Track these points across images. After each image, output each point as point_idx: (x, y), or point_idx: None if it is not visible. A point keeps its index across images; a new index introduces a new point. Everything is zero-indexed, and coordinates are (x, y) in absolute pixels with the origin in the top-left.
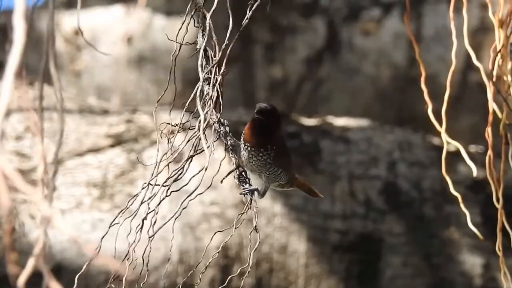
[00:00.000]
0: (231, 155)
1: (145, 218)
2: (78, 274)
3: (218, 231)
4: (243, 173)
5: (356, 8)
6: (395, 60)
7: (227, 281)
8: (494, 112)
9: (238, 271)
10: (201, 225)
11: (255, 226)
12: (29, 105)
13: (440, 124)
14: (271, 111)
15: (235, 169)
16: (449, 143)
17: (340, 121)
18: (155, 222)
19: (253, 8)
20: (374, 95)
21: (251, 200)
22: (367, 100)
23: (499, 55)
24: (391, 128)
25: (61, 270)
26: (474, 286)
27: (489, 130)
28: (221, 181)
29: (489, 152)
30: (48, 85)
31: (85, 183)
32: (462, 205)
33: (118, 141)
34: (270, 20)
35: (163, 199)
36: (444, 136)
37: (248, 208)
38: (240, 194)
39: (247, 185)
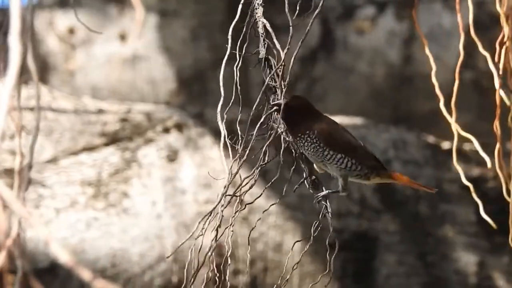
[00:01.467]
0: (301, 163)
1: None
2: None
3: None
4: (315, 180)
5: (350, 7)
6: (390, 59)
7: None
8: (501, 105)
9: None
10: (196, 223)
11: (331, 232)
12: (22, 104)
13: (447, 122)
14: (283, 104)
15: (307, 177)
16: (444, 142)
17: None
18: None
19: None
20: (368, 93)
21: (326, 206)
22: (362, 98)
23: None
24: (386, 127)
25: (55, 269)
26: (468, 284)
27: (497, 123)
28: (294, 190)
29: (498, 145)
30: (42, 83)
31: (79, 182)
32: (474, 195)
33: (112, 139)
34: (266, 19)
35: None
36: (456, 128)
37: (324, 216)
38: (314, 202)
39: (320, 191)
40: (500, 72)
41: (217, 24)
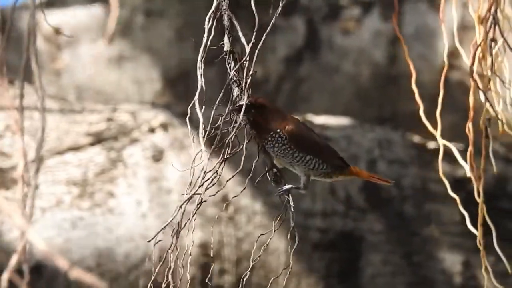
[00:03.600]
0: (264, 156)
1: None
2: None
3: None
4: (277, 173)
5: (336, 7)
6: (375, 59)
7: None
8: (474, 107)
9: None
10: (182, 223)
11: (293, 227)
12: (9, 104)
13: (432, 123)
14: (244, 106)
15: (269, 170)
16: (429, 141)
17: (320, 120)
18: None
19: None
20: (354, 93)
21: (288, 200)
22: (347, 98)
23: (479, 50)
24: (371, 127)
25: (41, 268)
26: (454, 284)
27: (469, 125)
28: (256, 182)
29: (470, 147)
30: (28, 83)
31: (65, 181)
32: (460, 206)
33: (98, 139)
34: (250, 19)
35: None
36: (440, 140)
37: (286, 210)
38: (276, 195)
39: (282, 185)
40: (475, 74)
41: (203, 24)
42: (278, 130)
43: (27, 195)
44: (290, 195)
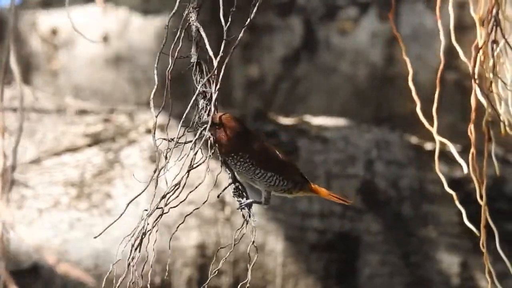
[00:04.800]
0: (226, 170)
1: None
2: None
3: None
4: (239, 187)
5: (333, 7)
6: (372, 59)
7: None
8: (476, 109)
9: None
10: (178, 224)
11: (253, 241)
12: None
13: (429, 123)
14: (210, 122)
15: (230, 184)
16: (427, 142)
17: (317, 120)
18: None
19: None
20: (351, 94)
21: (249, 214)
22: (344, 99)
23: (480, 52)
24: (368, 127)
25: (37, 269)
26: (451, 284)
27: (471, 127)
28: (218, 196)
29: (472, 149)
30: (25, 84)
31: (62, 183)
32: (457, 203)
33: (95, 140)
34: (246, 20)
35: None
36: (436, 136)
37: (247, 223)
38: (238, 209)
39: (244, 199)
40: (476, 76)
41: (200, 23)
42: (241, 153)
43: (23, 196)
44: (250, 209)
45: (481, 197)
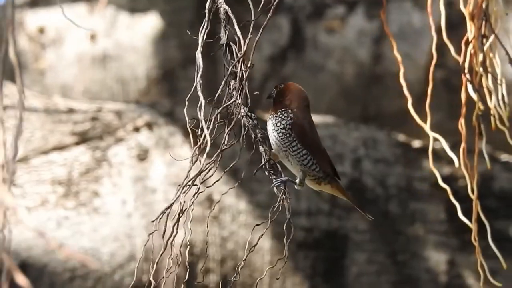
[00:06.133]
0: (261, 147)
1: None
2: None
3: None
4: (274, 166)
5: (320, 6)
6: (360, 58)
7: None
8: (466, 104)
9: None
10: (165, 222)
11: (289, 218)
12: None
13: (417, 122)
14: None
15: (267, 161)
16: (414, 140)
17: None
18: None
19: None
20: (338, 92)
21: (284, 192)
22: (332, 97)
23: (470, 46)
24: (356, 125)
25: (26, 267)
26: (439, 282)
27: (462, 121)
28: (254, 173)
29: (463, 144)
30: (11, 82)
31: (50, 181)
32: (451, 197)
33: (83, 139)
34: (235, 18)
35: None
36: (428, 130)
37: (282, 200)
38: (272, 187)
39: (279, 176)
40: (466, 71)
41: (187, 22)
42: (289, 110)
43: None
44: (286, 187)
45: (472, 191)
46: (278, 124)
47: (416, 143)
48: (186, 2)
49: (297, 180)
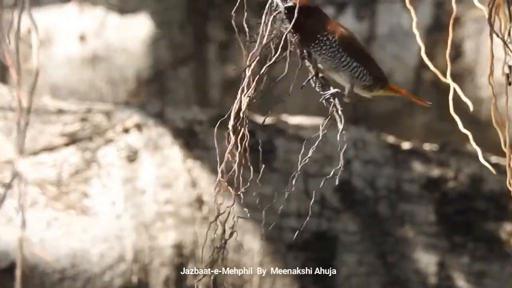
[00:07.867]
0: (307, 62)
1: None
2: None
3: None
4: (322, 79)
5: None
6: None
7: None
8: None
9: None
10: (156, 224)
11: (341, 130)
12: None
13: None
14: (295, 7)
15: (314, 75)
16: (404, 142)
17: (294, 120)
18: None
19: None
20: None
21: (334, 104)
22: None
23: None
24: (345, 126)
25: (14, 269)
26: (428, 284)
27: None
28: (302, 87)
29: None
30: (2, 83)
31: (39, 182)
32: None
33: (72, 140)
34: (224, 19)
35: None
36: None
37: (332, 113)
38: (321, 100)
39: (328, 90)
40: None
41: (177, 23)
42: (326, 33)
43: None
44: (336, 99)
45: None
46: (322, 50)
47: (406, 145)
48: (176, 2)
49: (346, 92)
